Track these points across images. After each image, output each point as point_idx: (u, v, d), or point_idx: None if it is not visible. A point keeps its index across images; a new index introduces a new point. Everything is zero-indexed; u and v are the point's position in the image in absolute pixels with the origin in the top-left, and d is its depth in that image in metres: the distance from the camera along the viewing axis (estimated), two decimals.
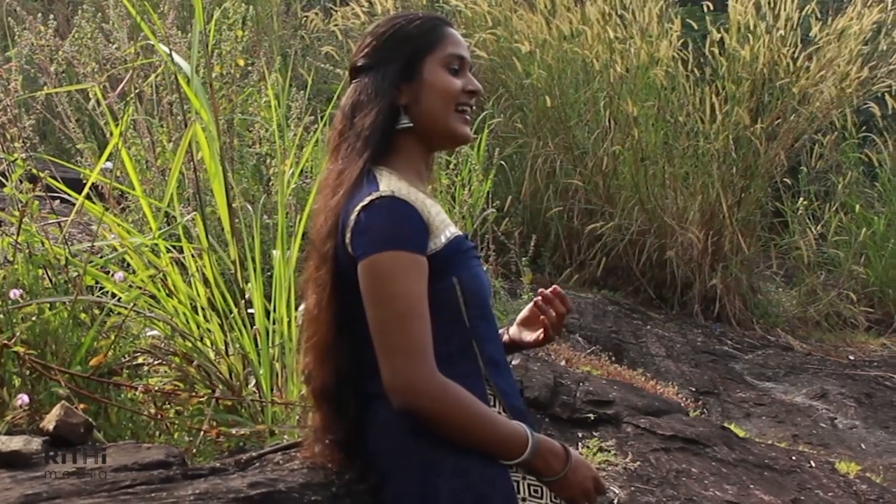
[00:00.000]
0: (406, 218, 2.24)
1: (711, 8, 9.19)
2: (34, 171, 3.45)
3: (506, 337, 2.74)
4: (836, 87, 9.04)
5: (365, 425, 2.36)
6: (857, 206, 10.00)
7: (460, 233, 2.38)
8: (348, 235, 2.26)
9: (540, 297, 2.67)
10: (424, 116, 2.41)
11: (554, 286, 2.70)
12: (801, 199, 9.91)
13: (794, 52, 8.89)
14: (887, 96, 9.02)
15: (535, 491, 2.33)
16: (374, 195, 2.24)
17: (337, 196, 2.30)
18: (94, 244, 3.42)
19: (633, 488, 4.51)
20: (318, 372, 2.38)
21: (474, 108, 2.54)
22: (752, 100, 8.96)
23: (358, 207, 2.24)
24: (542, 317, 2.67)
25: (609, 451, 4.76)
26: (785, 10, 8.85)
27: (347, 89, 2.46)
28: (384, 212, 2.23)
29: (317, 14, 10.00)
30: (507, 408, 2.37)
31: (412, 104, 2.39)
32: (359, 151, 2.33)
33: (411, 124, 2.40)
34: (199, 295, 3.53)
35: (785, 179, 9.62)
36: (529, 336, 2.71)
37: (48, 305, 3.15)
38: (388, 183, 2.28)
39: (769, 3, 8.92)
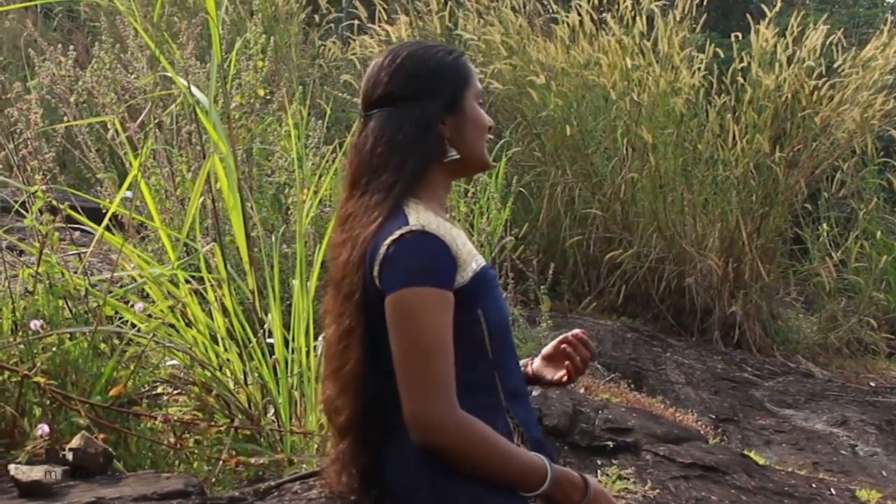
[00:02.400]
0: (435, 253, 2.24)
1: (740, 37, 9.19)
2: (54, 202, 3.47)
3: (529, 369, 2.74)
4: (859, 117, 9.03)
5: (385, 455, 2.36)
6: (878, 233, 9.98)
7: (485, 262, 2.38)
8: (376, 269, 2.25)
9: (565, 343, 2.67)
10: (466, 148, 2.41)
11: (576, 331, 2.70)
12: (822, 225, 9.90)
13: (816, 83, 8.88)
14: None
15: None
16: (405, 229, 2.24)
17: (370, 228, 2.28)
18: (114, 274, 3.44)
19: None
20: (345, 403, 2.37)
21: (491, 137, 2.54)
22: (773, 127, 8.96)
23: (388, 241, 2.23)
24: (566, 361, 2.67)
25: (628, 479, 4.75)
26: (812, 42, 8.84)
27: (375, 117, 2.40)
28: (414, 246, 2.23)
29: (334, 43, 10.04)
30: (526, 439, 2.38)
31: (454, 137, 2.39)
32: (400, 186, 2.30)
33: (459, 156, 2.40)
34: (218, 325, 3.54)
35: (805, 205, 9.61)
36: (551, 374, 2.71)
37: (68, 336, 3.17)
38: (418, 216, 2.27)
39: (793, 32, 8.92)
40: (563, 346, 2.68)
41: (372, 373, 2.31)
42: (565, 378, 2.68)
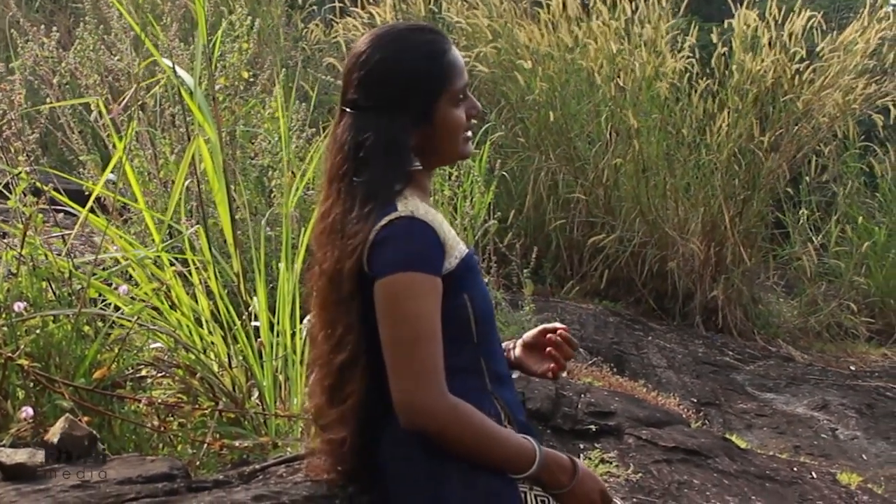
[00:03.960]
0: (424, 239, 2.25)
1: (724, 23, 9.21)
2: (38, 184, 3.45)
3: (511, 355, 2.74)
4: (840, 101, 9.06)
5: (379, 441, 2.37)
6: (860, 218, 10.01)
7: (468, 249, 2.39)
8: (365, 254, 2.25)
9: (549, 344, 2.67)
10: (437, 154, 2.40)
11: (558, 326, 2.70)
12: (803, 209, 9.93)
13: (798, 67, 8.90)
14: (892, 106, 9.03)
15: (542, 502, 2.35)
16: (393, 215, 2.24)
17: (353, 258, 2.26)
18: (98, 256, 3.43)
19: (634, 500, 4.52)
20: (344, 428, 2.36)
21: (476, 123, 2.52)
22: (755, 112, 8.97)
23: (377, 227, 2.24)
24: (550, 358, 2.67)
25: (611, 463, 4.77)
26: (795, 26, 8.86)
27: (347, 115, 2.37)
28: (404, 232, 2.23)
29: (317, 25, 10.00)
30: (512, 422, 2.39)
31: (424, 145, 2.36)
32: (372, 207, 2.27)
33: (421, 167, 2.39)
34: (202, 307, 3.53)
35: (786, 189, 9.63)
36: (536, 365, 2.70)
37: (52, 318, 3.16)
38: (406, 203, 2.27)
39: (774, 17, 8.93)
40: (548, 336, 2.68)
41: (374, 400, 2.32)
42: (551, 375, 2.69)
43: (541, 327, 2.72)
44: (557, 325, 2.71)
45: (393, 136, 2.31)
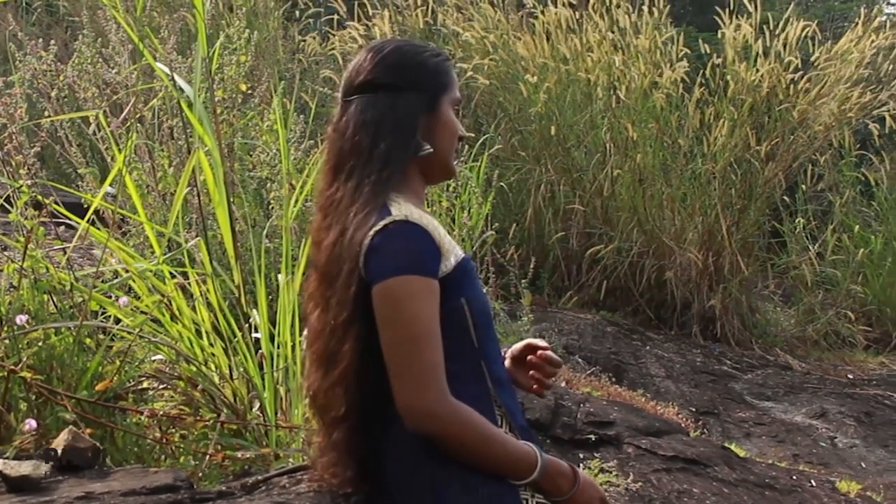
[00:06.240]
0: (419, 242, 2.25)
1: (721, 37, 9.24)
2: (39, 197, 3.46)
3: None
4: (836, 110, 9.09)
5: (383, 446, 2.37)
6: (856, 227, 10.04)
7: (465, 254, 2.40)
8: (361, 259, 2.26)
9: (531, 366, 2.67)
10: (436, 149, 2.42)
11: (541, 351, 2.69)
12: (799, 218, 9.95)
13: (793, 77, 8.94)
14: (887, 116, 9.05)
15: None
16: (388, 219, 2.25)
17: (364, 229, 2.27)
18: (99, 269, 3.43)
19: None
20: (339, 398, 2.36)
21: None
22: (750, 121, 8.99)
23: (371, 232, 2.24)
24: (531, 371, 2.67)
25: (610, 472, 4.77)
26: (790, 36, 8.90)
27: (356, 103, 2.39)
28: (398, 236, 2.24)
29: (314, 38, 10.03)
30: (513, 427, 2.40)
31: (426, 136, 2.38)
32: (384, 178, 2.30)
33: (432, 150, 2.41)
34: (203, 319, 3.54)
35: (783, 199, 9.66)
36: (523, 380, 2.69)
37: (54, 331, 3.17)
38: (400, 208, 2.28)
39: (768, 26, 8.96)
40: (528, 358, 2.68)
41: (366, 368, 2.32)
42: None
43: (526, 341, 2.72)
44: (540, 342, 2.70)
45: (405, 113, 2.36)
